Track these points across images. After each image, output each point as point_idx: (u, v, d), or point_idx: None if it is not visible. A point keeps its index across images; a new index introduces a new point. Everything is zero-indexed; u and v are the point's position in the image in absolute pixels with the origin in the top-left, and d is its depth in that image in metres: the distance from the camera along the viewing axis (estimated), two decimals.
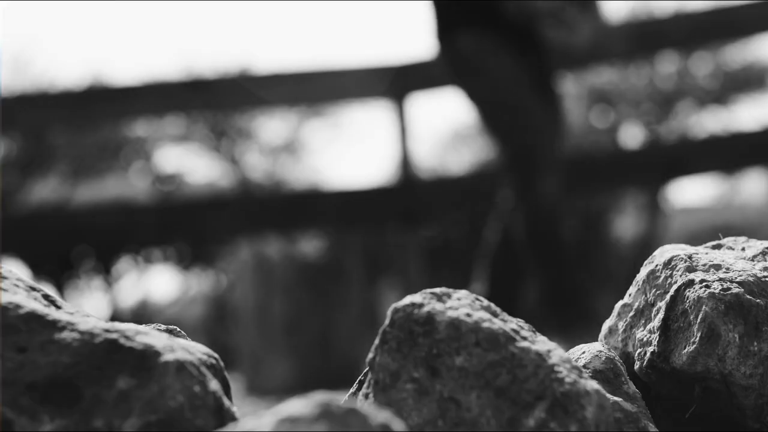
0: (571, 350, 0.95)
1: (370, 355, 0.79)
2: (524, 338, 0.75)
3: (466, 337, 0.73)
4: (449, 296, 0.77)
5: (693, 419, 0.95)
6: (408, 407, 0.73)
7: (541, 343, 0.75)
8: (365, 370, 0.84)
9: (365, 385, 0.81)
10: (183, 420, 0.71)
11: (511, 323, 0.76)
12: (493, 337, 0.73)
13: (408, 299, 0.78)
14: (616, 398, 0.88)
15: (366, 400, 0.78)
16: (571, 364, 0.73)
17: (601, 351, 0.93)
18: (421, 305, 0.76)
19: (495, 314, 0.77)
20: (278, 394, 3.99)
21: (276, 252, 5.14)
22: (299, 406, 0.55)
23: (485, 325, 0.74)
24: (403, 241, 4.28)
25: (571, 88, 12.75)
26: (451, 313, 0.75)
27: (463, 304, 0.76)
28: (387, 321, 0.77)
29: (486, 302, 0.79)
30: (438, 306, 0.76)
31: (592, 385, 0.72)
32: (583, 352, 0.94)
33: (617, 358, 0.94)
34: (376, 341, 0.78)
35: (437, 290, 0.78)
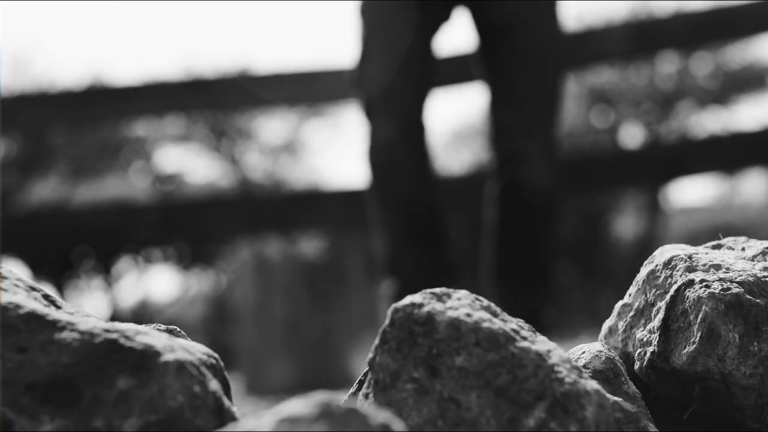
0: (571, 350, 0.95)
1: (370, 355, 0.79)
2: (524, 338, 0.74)
3: (466, 337, 0.73)
4: (449, 296, 0.77)
5: (693, 419, 0.95)
6: (408, 407, 0.73)
7: (541, 343, 0.75)
8: (365, 370, 0.83)
9: (365, 385, 0.81)
10: (183, 420, 0.71)
11: (511, 323, 0.76)
12: (493, 337, 0.73)
13: (408, 299, 0.78)
14: (616, 398, 0.88)
15: (366, 400, 0.78)
16: (571, 364, 0.73)
17: (601, 351, 0.93)
18: (421, 305, 0.76)
19: (495, 314, 0.77)
20: (278, 394, 3.99)
21: (276, 252, 5.14)
22: (299, 406, 0.55)
23: (485, 325, 0.73)
24: None
25: (571, 88, 12.77)
26: (451, 313, 0.75)
27: (463, 304, 0.76)
28: (387, 321, 0.77)
29: (486, 302, 0.78)
30: (438, 306, 0.76)
31: (592, 385, 0.72)
32: (583, 352, 0.94)
33: (617, 358, 0.94)
34: (376, 341, 0.78)
35: (437, 290, 0.78)
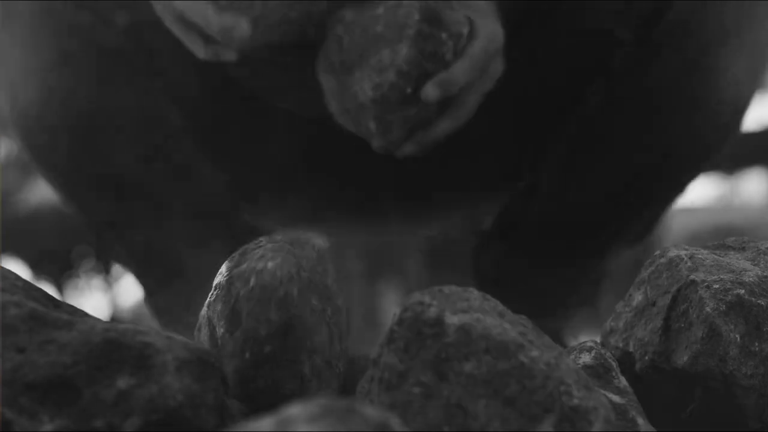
0: (566, 348, 0.95)
1: (375, 354, 0.78)
2: (530, 342, 0.73)
3: (476, 343, 0.71)
4: (458, 295, 0.76)
5: (693, 419, 0.95)
6: (413, 410, 0.72)
7: (548, 349, 0.74)
8: (368, 370, 0.83)
9: (368, 385, 0.80)
10: (183, 419, 0.70)
11: (518, 326, 0.75)
12: (503, 345, 0.72)
13: (417, 298, 0.76)
14: (605, 392, 0.88)
15: (368, 399, 0.77)
16: (578, 375, 0.72)
17: (591, 346, 0.93)
18: (430, 305, 0.75)
19: (502, 315, 0.76)
20: None
21: None
22: (299, 406, 0.55)
23: (496, 331, 0.72)
24: (403, 241, 4.28)
25: None
26: (461, 317, 0.73)
27: (473, 306, 0.75)
28: (395, 319, 0.76)
29: (493, 301, 0.77)
30: (448, 307, 0.75)
31: (599, 398, 0.72)
32: (575, 348, 0.94)
33: (608, 353, 0.94)
34: (383, 339, 0.76)
35: (445, 288, 0.77)
